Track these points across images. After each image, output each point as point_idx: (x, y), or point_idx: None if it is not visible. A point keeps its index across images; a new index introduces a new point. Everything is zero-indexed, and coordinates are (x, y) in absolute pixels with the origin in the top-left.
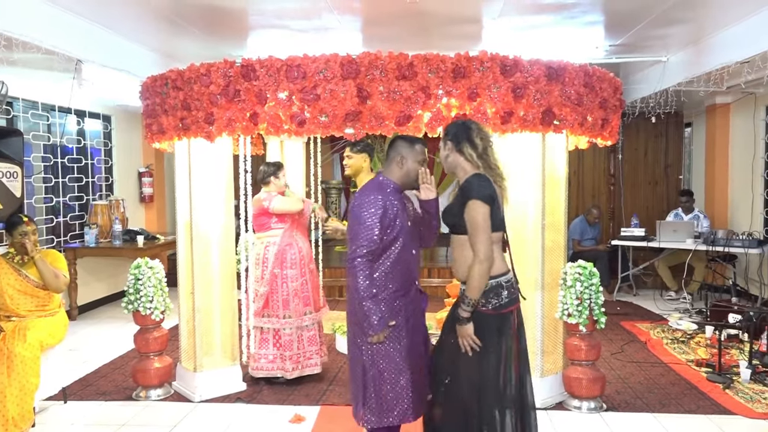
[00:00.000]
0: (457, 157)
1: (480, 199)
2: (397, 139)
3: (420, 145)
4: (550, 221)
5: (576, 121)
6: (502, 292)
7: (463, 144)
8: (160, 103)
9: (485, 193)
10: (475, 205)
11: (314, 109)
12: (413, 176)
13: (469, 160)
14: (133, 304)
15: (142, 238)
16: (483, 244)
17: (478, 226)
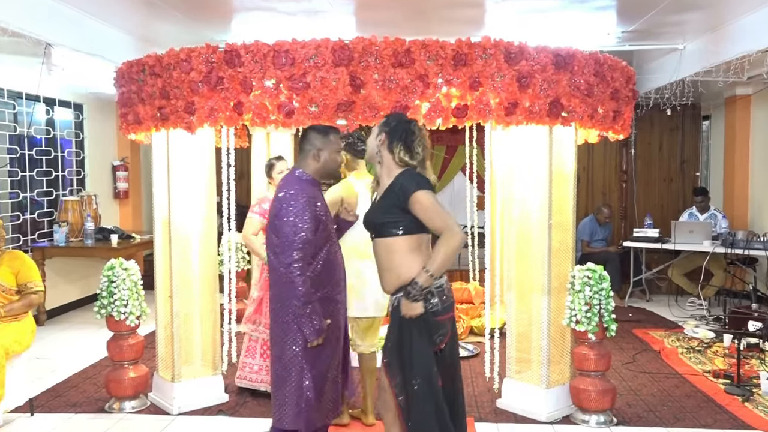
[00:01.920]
0: (387, 154)
1: (425, 189)
2: (309, 131)
3: (334, 134)
4: (557, 221)
5: (585, 113)
6: (432, 298)
7: (397, 145)
8: (136, 90)
9: (421, 181)
10: (423, 194)
11: (303, 98)
12: (332, 168)
13: (399, 163)
14: (106, 308)
15: (116, 237)
16: (448, 219)
17: (435, 209)
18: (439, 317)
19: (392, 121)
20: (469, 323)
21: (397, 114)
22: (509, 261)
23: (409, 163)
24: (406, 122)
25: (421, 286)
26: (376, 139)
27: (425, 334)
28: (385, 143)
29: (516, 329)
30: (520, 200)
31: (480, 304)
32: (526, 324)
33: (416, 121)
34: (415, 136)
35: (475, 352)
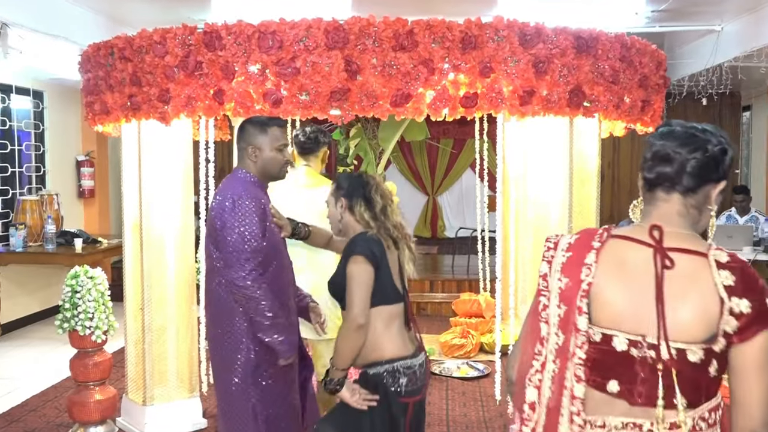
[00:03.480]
0: (349, 217)
1: (361, 254)
2: (245, 124)
3: (276, 126)
4: (578, 225)
5: (611, 102)
6: (400, 378)
7: (357, 201)
8: (104, 76)
9: (369, 250)
10: (355, 261)
11: (293, 85)
12: (275, 168)
13: (359, 220)
14: (69, 322)
15: (80, 242)
16: (357, 304)
17: (353, 282)
18: (403, 399)
19: (343, 183)
20: (479, 339)
21: (343, 175)
22: (524, 269)
23: (368, 221)
24: (357, 177)
25: (332, 380)
26: (336, 207)
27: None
28: (346, 207)
29: None
30: (537, 201)
31: (491, 317)
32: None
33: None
34: (369, 186)
35: (485, 372)
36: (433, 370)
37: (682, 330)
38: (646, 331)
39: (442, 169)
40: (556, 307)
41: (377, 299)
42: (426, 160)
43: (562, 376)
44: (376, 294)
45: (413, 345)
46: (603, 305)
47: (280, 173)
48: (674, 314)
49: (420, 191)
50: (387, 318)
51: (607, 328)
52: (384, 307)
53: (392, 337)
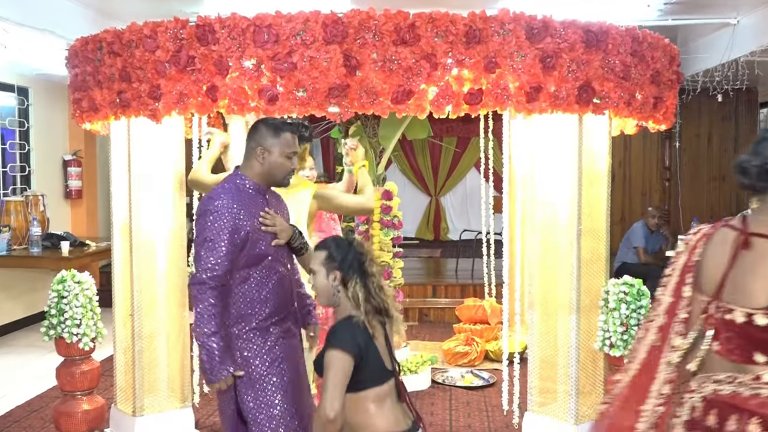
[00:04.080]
0: (343, 292)
1: (339, 348)
2: (258, 124)
3: (290, 133)
4: (587, 226)
5: (621, 99)
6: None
7: (352, 277)
8: (92, 72)
9: (347, 342)
10: (331, 356)
11: (289, 81)
12: (279, 174)
13: (350, 298)
14: (55, 329)
15: (67, 245)
16: (327, 396)
17: (329, 372)
18: None
19: (336, 253)
20: (484, 347)
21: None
22: (531, 273)
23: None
24: (350, 246)
25: None
26: (327, 279)
27: None
28: (339, 281)
29: (539, 354)
30: (545, 202)
31: (497, 324)
32: (551, 348)
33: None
34: (364, 257)
35: (491, 381)
36: (436, 379)
37: (750, 298)
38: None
39: (446, 168)
40: (673, 276)
41: (366, 384)
42: (428, 159)
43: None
44: (365, 380)
45: (408, 419)
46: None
47: (284, 180)
48: (744, 285)
49: (422, 192)
50: (378, 398)
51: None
52: (374, 389)
53: (385, 414)
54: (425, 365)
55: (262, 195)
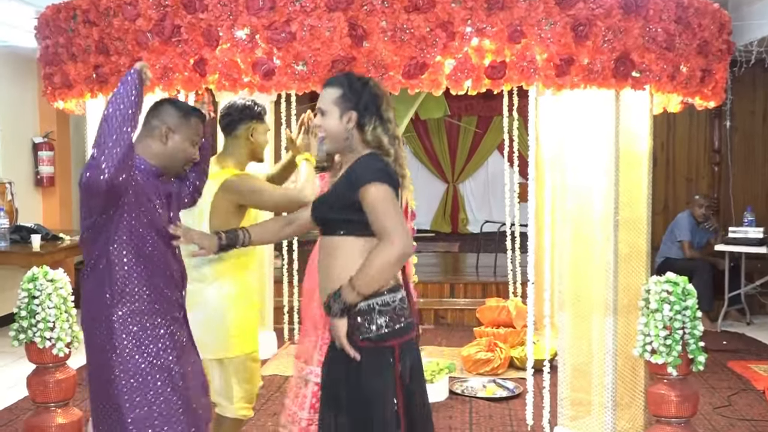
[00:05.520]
0: (357, 136)
1: (384, 182)
2: (165, 103)
3: (196, 119)
4: (626, 217)
5: (664, 72)
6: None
7: (370, 120)
8: (65, 44)
9: (390, 176)
10: (377, 188)
11: (287, 53)
12: (180, 160)
13: (370, 142)
14: (26, 332)
15: (38, 239)
16: (400, 226)
17: (388, 205)
18: (390, 341)
19: (351, 90)
20: (509, 353)
21: (344, 77)
22: (561, 270)
23: (382, 144)
24: (365, 82)
25: (344, 301)
26: (341, 120)
27: (375, 365)
28: (354, 122)
29: (571, 361)
30: (577, 189)
31: (522, 327)
32: (585, 354)
33: (367, 76)
34: (380, 98)
35: (515, 392)
36: (455, 389)
37: None
38: None
39: (464, 152)
40: None
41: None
42: (445, 141)
43: None
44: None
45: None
46: None
47: (179, 169)
48: None
49: (438, 178)
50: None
51: None
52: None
53: None
54: (442, 374)
55: (156, 179)
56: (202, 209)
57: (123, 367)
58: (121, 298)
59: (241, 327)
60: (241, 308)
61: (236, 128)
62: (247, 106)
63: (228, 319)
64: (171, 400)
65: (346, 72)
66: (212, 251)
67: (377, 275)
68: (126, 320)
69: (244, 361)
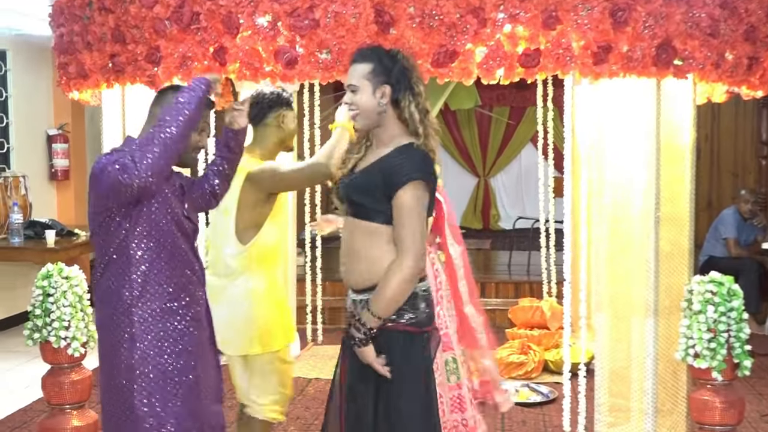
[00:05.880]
0: (390, 111)
1: (424, 180)
2: (167, 91)
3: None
4: (667, 213)
5: (708, 59)
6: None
7: (405, 96)
8: (80, 32)
9: (429, 174)
10: (416, 188)
11: (310, 41)
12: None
13: (406, 119)
14: (40, 332)
15: (53, 234)
16: (418, 242)
17: (414, 214)
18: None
19: (382, 64)
20: (543, 357)
21: (373, 50)
22: (599, 269)
23: (417, 126)
24: (394, 55)
25: (369, 328)
26: (374, 95)
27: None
28: (388, 96)
29: (609, 365)
30: (615, 184)
31: (557, 329)
32: (623, 358)
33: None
34: (412, 72)
35: (550, 397)
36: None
37: None
38: None
39: (496, 144)
40: None
41: None
42: (476, 133)
43: None
44: None
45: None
46: None
47: (187, 158)
48: None
49: (468, 172)
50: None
51: None
52: None
53: None
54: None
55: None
56: (227, 206)
57: (143, 369)
58: (141, 296)
59: (267, 324)
60: (266, 304)
61: (266, 116)
62: (276, 92)
63: (253, 315)
64: (186, 405)
65: (371, 45)
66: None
67: (396, 296)
68: (147, 320)
69: (271, 360)
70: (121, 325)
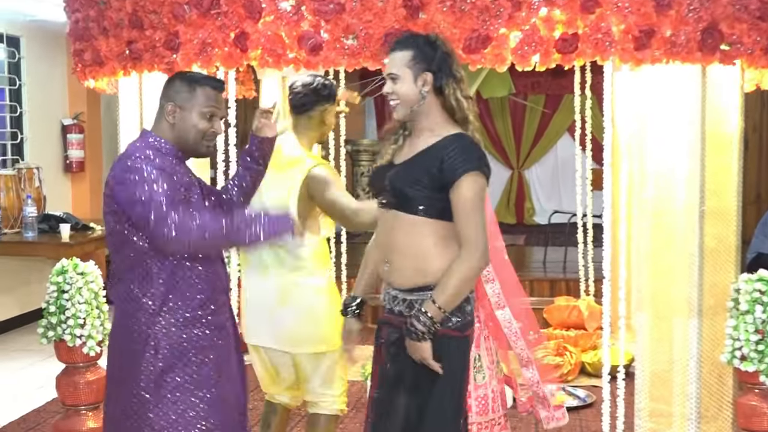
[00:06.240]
0: (433, 99)
1: (481, 172)
2: (173, 79)
3: (210, 87)
4: (713, 206)
5: (757, 44)
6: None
7: (448, 83)
8: (96, 17)
9: (486, 165)
10: (476, 180)
11: (336, 26)
12: (192, 136)
13: (451, 108)
14: (54, 329)
15: (67, 228)
16: (481, 233)
17: (476, 207)
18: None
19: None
20: (579, 358)
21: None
22: (640, 266)
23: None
24: (433, 41)
25: (432, 319)
26: (415, 84)
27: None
28: (431, 84)
29: (650, 368)
30: (657, 176)
31: (595, 330)
32: (665, 360)
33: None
34: (452, 57)
35: (587, 401)
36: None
37: None
38: None
39: (531, 134)
40: None
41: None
42: (509, 123)
43: None
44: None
45: None
46: None
47: (199, 147)
48: None
49: (502, 164)
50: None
51: None
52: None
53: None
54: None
55: (179, 161)
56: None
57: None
58: (163, 305)
59: (336, 318)
60: (333, 298)
61: (312, 108)
62: (326, 85)
63: (326, 310)
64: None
65: (409, 32)
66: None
67: (461, 291)
68: (170, 330)
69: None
70: (143, 335)
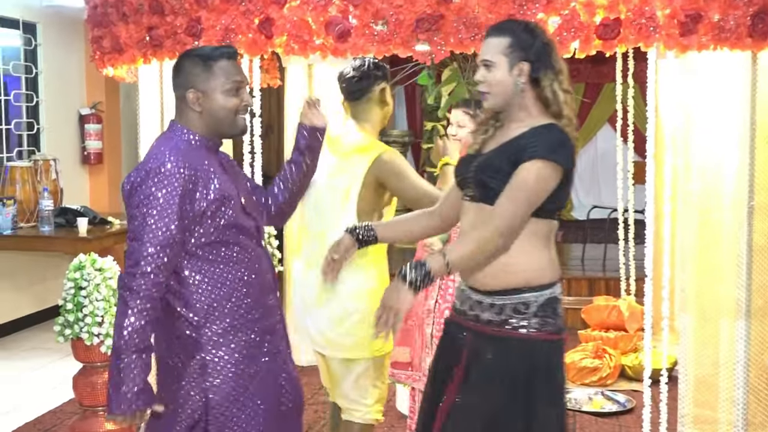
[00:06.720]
0: (528, 90)
1: (554, 162)
2: (182, 61)
3: (225, 59)
4: (762, 202)
5: None
6: (558, 307)
7: (546, 74)
8: (115, 3)
9: (566, 157)
10: (543, 167)
11: (364, 12)
12: (226, 117)
13: (547, 99)
14: (72, 327)
15: (85, 222)
16: (517, 220)
17: (528, 192)
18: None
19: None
20: (619, 361)
21: (510, 23)
22: (684, 265)
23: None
24: (532, 28)
25: (429, 272)
26: (510, 73)
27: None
28: (527, 75)
29: (694, 372)
30: (703, 169)
31: (637, 331)
32: (711, 364)
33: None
34: (551, 47)
35: (627, 406)
36: None
37: None
38: None
39: None
40: None
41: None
42: None
43: None
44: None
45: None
46: None
47: (234, 126)
48: None
49: None
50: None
51: None
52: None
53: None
54: None
55: (212, 150)
56: (347, 186)
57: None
58: (208, 316)
59: None
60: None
61: (371, 90)
62: (377, 64)
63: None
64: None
65: (507, 19)
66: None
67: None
68: (218, 340)
69: (384, 359)
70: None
